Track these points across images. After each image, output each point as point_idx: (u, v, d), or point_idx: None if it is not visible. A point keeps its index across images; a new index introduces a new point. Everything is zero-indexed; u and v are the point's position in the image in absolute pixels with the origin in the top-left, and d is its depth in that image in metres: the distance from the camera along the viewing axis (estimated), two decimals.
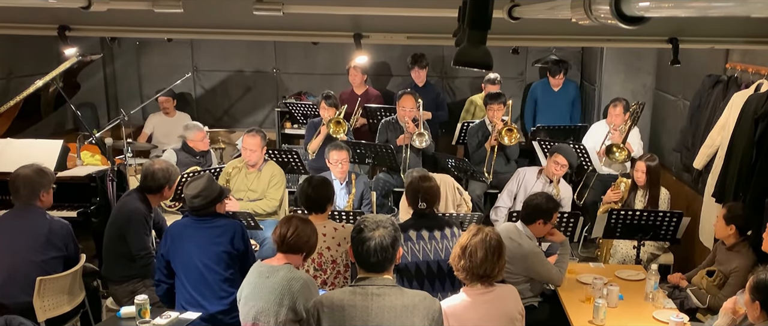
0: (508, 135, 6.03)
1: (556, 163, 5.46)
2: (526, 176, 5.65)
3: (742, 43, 4.21)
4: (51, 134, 6.84)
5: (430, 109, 6.92)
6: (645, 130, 6.74)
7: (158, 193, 4.43)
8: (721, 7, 1.31)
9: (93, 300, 4.54)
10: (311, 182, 4.03)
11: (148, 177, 4.37)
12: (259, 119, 8.63)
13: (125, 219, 4.28)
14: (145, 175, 4.39)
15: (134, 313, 3.49)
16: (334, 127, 6.14)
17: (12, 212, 4.19)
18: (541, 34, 4.09)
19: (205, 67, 8.63)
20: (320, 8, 3.66)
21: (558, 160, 5.46)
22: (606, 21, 1.72)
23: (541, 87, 7.50)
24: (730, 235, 4.17)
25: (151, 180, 4.36)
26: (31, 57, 7.39)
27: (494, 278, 3.29)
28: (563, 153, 5.51)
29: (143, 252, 4.28)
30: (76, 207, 5.21)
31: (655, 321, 3.77)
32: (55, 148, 5.33)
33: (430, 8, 3.47)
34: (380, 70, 8.30)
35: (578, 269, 4.57)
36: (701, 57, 5.43)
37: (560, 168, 5.48)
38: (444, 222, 4.00)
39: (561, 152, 5.51)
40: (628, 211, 4.83)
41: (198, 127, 6.15)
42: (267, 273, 3.20)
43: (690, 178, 5.57)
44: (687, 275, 4.44)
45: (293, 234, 3.23)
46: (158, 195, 4.46)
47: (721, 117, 4.75)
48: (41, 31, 4.28)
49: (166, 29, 4.56)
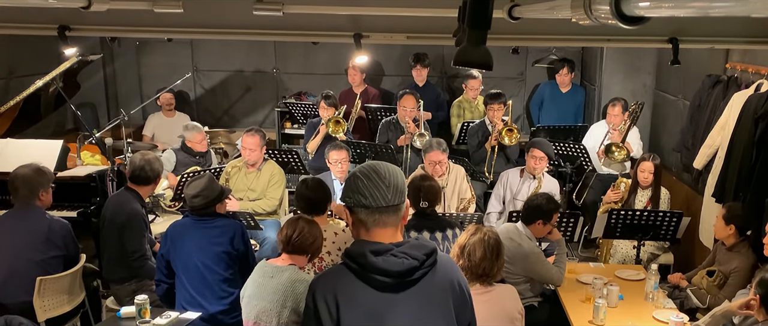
0: (509, 135, 6.02)
1: (534, 157, 5.41)
2: (509, 178, 5.62)
3: (742, 43, 4.21)
4: (51, 134, 6.84)
5: (430, 109, 6.91)
6: (645, 130, 6.74)
7: (153, 183, 4.45)
8: (721, 7, 1.31)
9: (93, 300, 4.54)
10: (308, 184, 4.01)
11: (145, 168, 4.36)
12: (259, 119, 8.63)
13: (124, 220, 4.27)
14: (141, 166, 4.36)
15: (134, 313, 3.48)
16: (334, 127, 6.14)
17: (12, 212, 4.19)
18: (541, 34, 4.09)
19: (205, 67, 8.63)
20: (320, 8, 3.66)
21: (535, 153, 5.41)
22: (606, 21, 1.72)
23: (549, 88, 7.49)
24: (730, 235, 4.17)
25: (149, 170, 4.37)
26: (31, 57, 7.38)
27: (493, 277, 3.29)
28: (538, 146, 5.46)
29: (136, 254, 4.26)
30: (76, 207, 5.21)
31: (655, 321, 3.77)
32: (55, 148, 5.32)
33: (430, 8, 3.48)
34: (380, 70, 8.30)
35: (578, 269, 4.57)
36: (701, 57, 5.43)
37: (539, 161, 5.41)
38: (445, 223, 4.00)
39: (536, 146, 5.46)
40: (628, 211, 4.83)
41: (198, 128, 6.15)
42: (271, 273, 3.20)
43: (690, 178, 5.57)
44: (687, 275, 4.45)
45: (299, 236, 3.22)
46: (152, 186, 4.47)
47: (721, 117, 4.74)
48: (41, 31, 4.28)
49: (166, 29, 4.56)
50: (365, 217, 1.96)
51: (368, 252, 1.91)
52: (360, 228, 1.99)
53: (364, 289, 1.93)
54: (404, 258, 1.92)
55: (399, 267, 1.90)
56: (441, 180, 5.39)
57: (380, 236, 1.97)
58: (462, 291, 2.07)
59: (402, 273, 1.91)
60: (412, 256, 1.92)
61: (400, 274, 1.91)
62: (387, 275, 1.91)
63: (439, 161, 5.25)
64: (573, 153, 6.18)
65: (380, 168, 1.96)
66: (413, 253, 1.93)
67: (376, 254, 1.91)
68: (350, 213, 1.99)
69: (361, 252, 1.91)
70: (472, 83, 7.02)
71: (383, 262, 1.90)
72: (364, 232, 1.99)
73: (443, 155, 5.25)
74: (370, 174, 1.94)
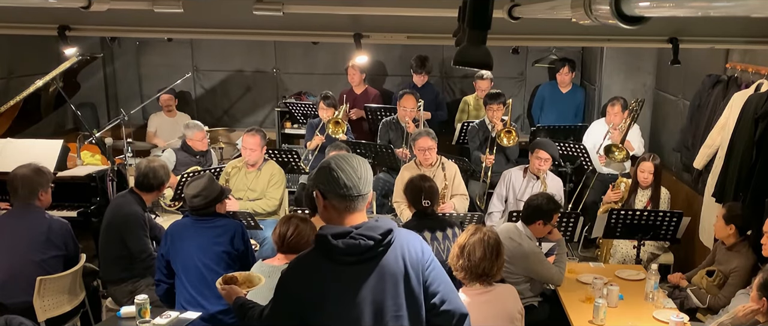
0: (507, 136, 6.01)
1: (539, 158, 5.44)
2: (512, 177, 5.63)
3: (742, 43, 4.22)
4: (51, 134, 6.84)
5: (429, 109, 6.92)
6: (645, 129, 6.74)
7: (157, 191, 4.46)
8: (721, 7, 1.31)
9: (93, 300, 4.54)
10: None
11: (149, 175, 4.38)
12: (259, 119, 8.64)
13: (123, 222, 4.28)
14: (145, 173, 4.39)
15: (134, 313, 3.48)
16: (333, 127, 6.14)
17: (11, 212, 4.19)
18: (541, 34, 4.09)
19: (205, 67, 8.63)
20: (320, 8, 3.66)
21: (540, 155, 5.44)
22: (606, 21, 1.72)
23: (548, 88, 7.49)
24: (730, 235, 4.17)
25: (152, 178, 4.38)
26: (31, 57, 7.39)
27: (493, 277, 3.29)
28: (544, 147, 5.48)
29: (144, 254, 4.30)
30: (76, 207, 5.21)
31: (655, 321, 3.77)
32: (55, 148, 5.32)
33: (430, 8, 3.47)
34: (382, 70, 8.31)
35: (578, 269, 4.57)
36: (701, 57, 5.43)
37: (544, 162, 5.45)
38: (445, 222, 4.00)
39: (541, 147, 5.49)
40: (628, 211, 4.83)
41: (198, 126, 6.15)
42: (268, 272, 3.21)
43: (690, 178, 5.57)
44: (687, 275, 4.44)
45: (293, 234, 3.24)
46: (156, 193, 4.48)
47: (721, 117, 4.74)
48: (41, 31, 4.28)
49: (166, 29, 4.56)
50: (338, 204, 2.22)
51: (329, 236, 2.17)
52: (332, 212, 2.25)
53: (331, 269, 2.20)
54: (361, 239, 2.17)
55: (356, 249, 2.17)
56: (438, 180, 5.41)
57: (350, 220, 2.24)
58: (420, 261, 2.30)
59: (360, 252, 2.18)
60: (368, 237, 2.18)
61: (359, 253, 2.18)
62: (346, 254, 2.17)
63: (429, 147, 5.34)
64: (573, 153, 6.18)
65: (353, 162, 2.24)
66: (369, 234, 2.18)
67: (336, 237, 2.17)
68: (324, 198, 2.24)
69: (323, 237, 2.18)
70: (481, 84, 7.03)
71: (343, 244, 2.17)
72: (335, 216, 2.25)
73: (433, 142, 5.36)
74: (345, 167, 2.21)
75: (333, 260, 2.19)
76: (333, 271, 2.20)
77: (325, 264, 2.20)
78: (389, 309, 2.23)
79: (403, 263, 2.25)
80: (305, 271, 2.25)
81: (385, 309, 2.22)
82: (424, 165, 5.39)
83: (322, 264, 2.21)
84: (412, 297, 2.27)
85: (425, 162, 5.36)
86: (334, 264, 2.19)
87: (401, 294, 2.25)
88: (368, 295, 2.20)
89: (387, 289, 2.22)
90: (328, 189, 2.21)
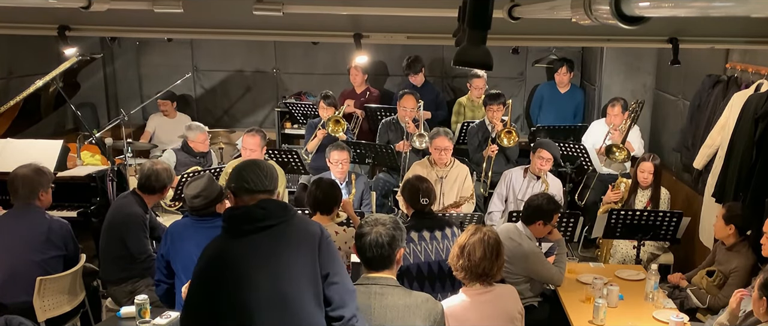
0: (507, 137, 6.01)
1: (541, 158, 5.45)
2: (512, 177, 5.64)
3: (742, 43, 4.21)
4: (51, 134, 6.85)
5: (429, 108, 6.92)
6: (645, 129, 6.74)
7: (159, 193, 4.46)
8: (721, 7, 1.31)
9: (93, 300, 4.54)
10: (320, 184, 4.04)
11: (152, 178, 4.38)
12: (259, 119, 8.64)
13: (123, 223, 4.29)
14: (148, 175, 4.39)
15: (134, 313, 3.48)
16: (333, 126, 6.14)
17: (11, 212, 4.18)
18: (541, 34, 4.09)
19: (205, 67, 8.63)
20: (320, 8, 3.66)
21: (542, 154, 5.45)
22: (606, 21, 1.72)
23: (547, 88, 7.49)
24: (730, 235, 4.17)
25: (155, 180, 4.39)
26: (31, 57, 7.39)
27: (493, 277, 3.28)
28: (546, 147, 5.49)
29: (144, 255, 4.31)
30: (76, 207, 5.21)
31: (655, 321, 3.77)
32: (55, 148, 5.32)
33: (430, 8, 3.47)
34: (383, 70, 8.31)
35: (578, 269, 4.57)
36: (701, 57, 5.43)
37: (545, 162, 5.46)
38: (444, 222, 3.99)
39: (544, 147, 5.50)
40: (628, 211, 4.83)
41: (201, 128, 6.14)
42: None
43: (690, 178, 5.57)
44: (687, 275, 4.44)
45: None
46: (158, 195, 4.49)
47: (721, 117, 4.74)
48: (41, 31, 4.28)
49: (166, 29, 4.56)
50: (248, 199, 2.50)
51: (230, 213, 2.50)
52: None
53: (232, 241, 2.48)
54: (257, 209, 2.46)
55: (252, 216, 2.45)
56: (442, 170, 5.42)
57: None
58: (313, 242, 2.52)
59: (257, 219, 2.46)
60: (262, 207, 2.46)
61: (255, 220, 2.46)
62: (243, 222, 2.46)
63: (445, 147, 5.39)
64: (573, 153, 6.18)
65: (261, 164, 2.58)
66: (265, 206, 2.47)
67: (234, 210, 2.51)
68: (235, 197, 2.53)
69: (227, 209, 2.54)
70: (477, 82, 7.03)
71: (241, 214, 2.48)
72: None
73: (449, 142, 5.42)
74: (253, 167, 2.55)
75: (231, 232, 2.47)
76: (232, 242, 2.46)
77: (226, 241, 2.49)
78: (282, 275, 2.44)
79: (298, 238, 2.49)
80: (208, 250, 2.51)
81: (279, 273, 2.43)
82: (438, 164, 5.42)
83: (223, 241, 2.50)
84: (307, 267, 2.47)
85: (440, 161, 5.40)
86: (233, 237, 2.47)
87: (297, 263, 2.46)
88: (264, 261, 2.43)
89: (282, 257, 2.45)
90: (237, 186, 2.51)
